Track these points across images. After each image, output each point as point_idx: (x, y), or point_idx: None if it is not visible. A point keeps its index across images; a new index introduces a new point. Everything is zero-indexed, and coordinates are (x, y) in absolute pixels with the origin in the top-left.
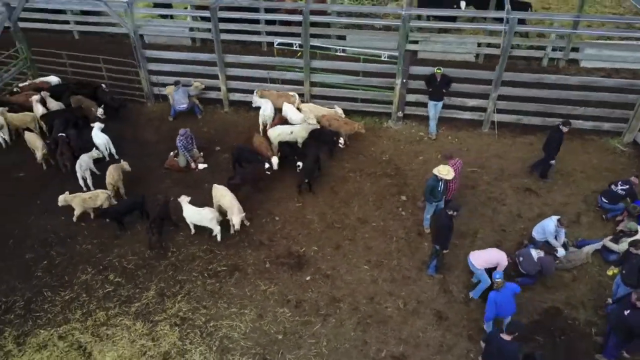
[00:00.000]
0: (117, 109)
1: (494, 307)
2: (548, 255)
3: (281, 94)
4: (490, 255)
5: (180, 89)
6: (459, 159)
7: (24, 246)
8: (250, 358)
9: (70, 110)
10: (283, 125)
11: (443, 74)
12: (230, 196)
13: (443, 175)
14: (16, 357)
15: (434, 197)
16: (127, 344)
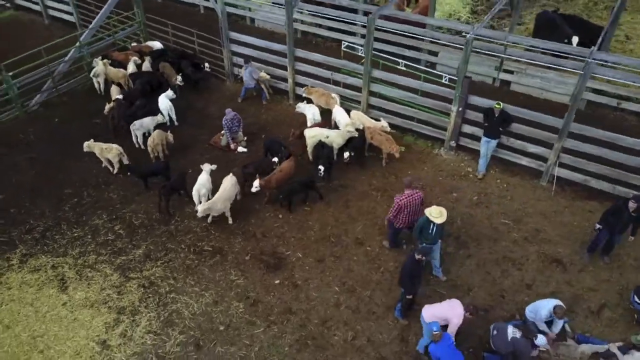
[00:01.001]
0: (196, 82)
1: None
2: (525, 339)
3: (323, 94)
4: (441, 310)
5: (249, 69)
6: (419, 192)
7: (68, 182)
8: (185, 338)
9: (153, 74)
10: (321, 128)
11: (503, 109)
12: (225, 189)
13: (433, 217)
14: (13, 272)
15: (424, 238)
16: (97, 290)
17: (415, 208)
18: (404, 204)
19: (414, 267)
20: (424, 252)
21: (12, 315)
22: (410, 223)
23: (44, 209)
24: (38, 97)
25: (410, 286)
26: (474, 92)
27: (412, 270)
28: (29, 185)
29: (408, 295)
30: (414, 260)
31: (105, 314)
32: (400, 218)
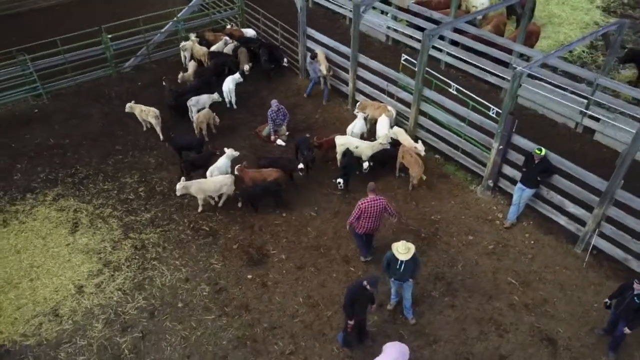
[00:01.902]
0: (267, 72)
1: None
2: None
3: (379, 107)
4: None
5: (315, 64)
6: (382, 199)
7: (123, 140)
8: (145, 305)
9: (229, 57)
10: (353, 138)
11: (545, 157)
12: (209, 180)
13: (399, 253)
14: (43, 207)
15: (391, 273)
16: (98, 241)
17: (376, 214)
18: (364, 208)
19: (357, 293)
20: (371, 282)
21: (25, 243)
22: (370, 230)
23: (92, 159)
24: (132, 60)
25: (350, 311)
26: (550, 134)
27: (354, 295)
28: (91, 135)
29: (348, 319)
30: (360, 287)
31: (94, 263)
32: (361, 223)
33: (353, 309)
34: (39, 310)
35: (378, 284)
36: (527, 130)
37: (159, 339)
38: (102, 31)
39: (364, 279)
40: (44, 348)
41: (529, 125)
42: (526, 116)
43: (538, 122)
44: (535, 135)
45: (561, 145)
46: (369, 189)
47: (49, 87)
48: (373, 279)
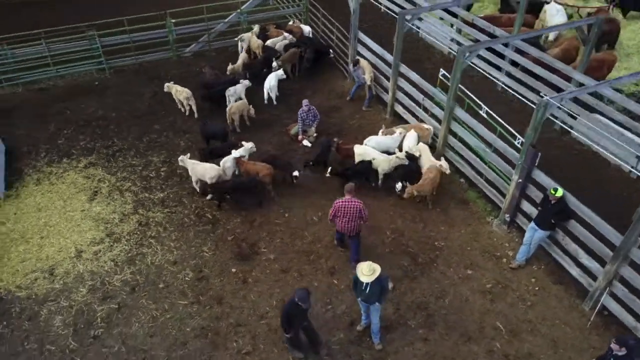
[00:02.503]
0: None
1: None
2: None
3: (414, 125)
4: None
5: (357, 71)
6: (359, 202)
7: (163, 121)
8: (130, 279)
9: (275, 53)
10: (371, 149)
11: (562, 199)
12: (201, 166)
13: (361, 274)
14: (73, 172)
15: (358, 294)
16: (109, 211)
17: (350, 216)
18: (338, 207)
19: (292, 310)
20: (301, 299)
21: (47, 203)
22: (346, 230)
23: (129, 134)
24: (193, 46)
25: (288, 327)
26: (600, 174)
27: (289, 312)
28: (137, 112)
29: (286, 333)
30: (293, 304)
31: (99, 232)
32: (337, 222)
33: (291, 324)
34: (38, 266)
35: (310, 297)
36: (576, 167)
37: (131, 314)
38: (167, 15)
39: (295, 295)
40: (30, 302)
41: (580, 161)
42: (579, 152)
43: (591, 160)
44: (583, 173)
45: (610, 188)
46: (347, 189)
47: (112, 63)
48: (303, 295)
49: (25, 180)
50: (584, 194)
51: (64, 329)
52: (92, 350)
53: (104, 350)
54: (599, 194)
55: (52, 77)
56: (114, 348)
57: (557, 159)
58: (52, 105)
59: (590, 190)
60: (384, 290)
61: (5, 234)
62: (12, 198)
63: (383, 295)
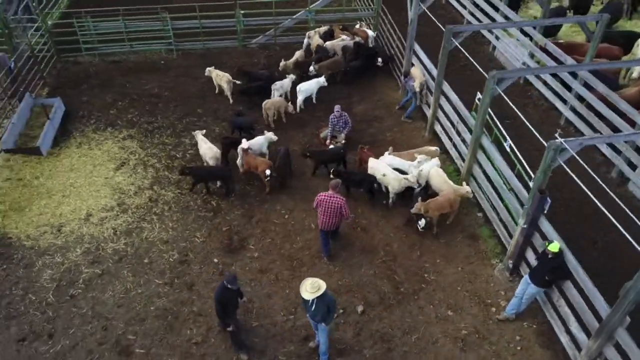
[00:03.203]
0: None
1: None
2: None
3: (420, 149)
4: None
5: (409, 80)
6: (341, 199)
7: (208, 106)
8: (121, 249)
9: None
10: (384, 165)
11: (558, 255)
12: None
13: (305, 290)
14: (110, 142)
15: (306, 309)
16: (128, 183)
17: (330, 211)
18: (320, 200)
19: (223, 295)
20: (229, 280)
21: (79, 165)
22: (326, 225)
23: (173, 114)
24: (259, 38)
25: (223, 315)
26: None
27: (222, 298)
28: (187, 94)
29: (225, 327)
30: (223, 288)
31: (112, 200)
32: (319, 214)
33: (226, 312)
34: (51, 221)
35: (235, 279)
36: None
37: (109, 281)
38: (237, 6)
39: (224, 279)
40: (32, 252)
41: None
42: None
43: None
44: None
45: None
46: (331, 185)
47: (181, 46)
48: (230, 277)
49: (70, 142)
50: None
51: (49, 283)
52: (65, 307)
53: (73, 310)
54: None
55: (126, 52)
56: (82, 310)
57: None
58: (117, 77)
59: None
60: (330, 311)
61: (35, 187)
62: (53, 156)
63: (329, 315)
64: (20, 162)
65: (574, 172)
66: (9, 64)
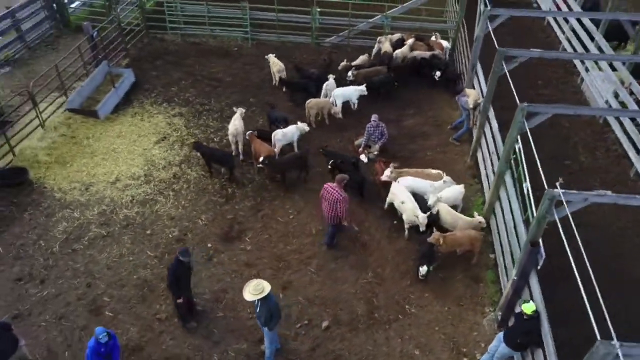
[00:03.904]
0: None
1: None
2: None
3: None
4: None
5: (464, 96)
6: (340, 194)
7: (264, 96)
8: (131, 216)
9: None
10: (404, 191)
11: (532, 317)
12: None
13: (247, 292)
14: (161, 116)
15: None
16: (162, 157)
17: (329, 203)
18: (324, 188)
19: (178, 269)
20: (181, 253)
21: (127, 133)
22: (326, 215)
23: (226, 99)
24: (333, 38)
25: (176, 289)
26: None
27: (176, 272)
28: (247, 83)
29: (177, 298)
30: (177, 262)
31: (141, 170)
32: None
33: (179, 286)
34: (83, 179)
35: (188, 252)
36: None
37: (109, 244)
38: (313, 3)
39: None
40: (56, 203)
41: None
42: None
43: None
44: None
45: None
46: (337, 179)
47: (256, 35)
48: (182, 249)
49: (127, 111)
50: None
51: (60, 234)
52: (64, 259)
53: (69, 263)
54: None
55: (206, 35)
56: (77, 264)
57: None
58: (190, 57)
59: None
60: (273, 316)
61: (82, 147)
62: (108, 121)
63: (271, 320)
64: (79, 122)
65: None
66: (92, 33)
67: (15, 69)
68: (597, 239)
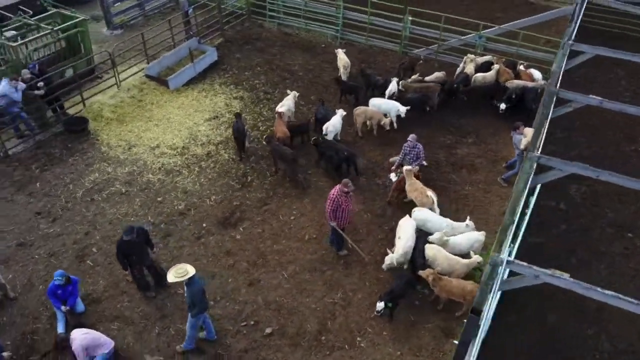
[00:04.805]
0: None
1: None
2: None
3: (417, 189)
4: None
5: (517, 134)
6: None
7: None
8: (151, 182)
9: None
10: (410, 226)
11: None
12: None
13: (170, 274)
14: (224, 95)
15: None
16: (205, 134)
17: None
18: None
19: (121, 245)
20: (125, 231)
21: (185, 106)
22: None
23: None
24: (422, 50)
25: (124, 263)
26: None
27: (119, 247)
28: (316, 80)
29: (124, 269)
30: (122, 241)
31: (181, 142)
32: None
33: (129, 260)
34: (130, 140)
35: (131, 231)
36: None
37: (121, 202)
38: (407, 11)
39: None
40: (99, 156)
41: None
42: None
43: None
44: None
45: None
46: (344, 183)
47: (346, 35)
48: (127, 228)
49: (196, 86)
50: None
51: (89, 183)
52: (80, 205)
53: (82, 210)
54: None
55: (300, 29)
56: (87, 213)
57: None
58: (276, 47)
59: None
60: (194, 303)
61: (144, 111)
62: (177, 92)
63: (193, 307)
64: (151, 88)
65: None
66: (187, 9)
67: (126, 32)
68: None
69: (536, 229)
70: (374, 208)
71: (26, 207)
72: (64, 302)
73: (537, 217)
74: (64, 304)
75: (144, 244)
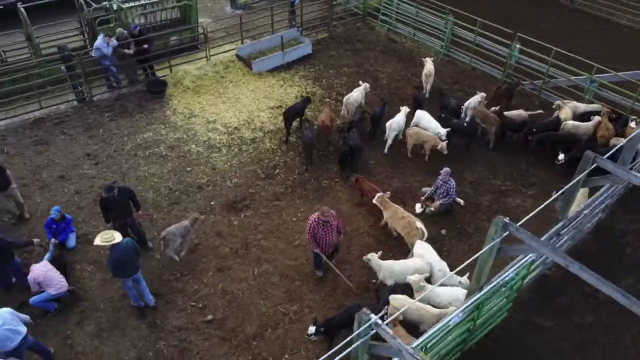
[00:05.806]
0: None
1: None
2: None
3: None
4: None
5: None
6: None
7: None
8: (191, 152)
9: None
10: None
11: None
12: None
13: (97, 238)
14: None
15: None
16: (260, 120)
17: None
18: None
19: (103, 201)
20: (104, 189)
21: (259, 90)
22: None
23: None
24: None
25: (106, 217)
26: None
27: (101, 203)
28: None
29: (107, 222)
30: (102, 198)
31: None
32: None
33: (110, 215)
34: (194, 110)
35: (110, 189)
36: None
37: (155, 163)
38: (515, 38)
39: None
40: (161, 118)
41: None
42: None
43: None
44: None
45: None
46: (322, 212)
47: (450, 52)
48: (106, 186)
49: (279, 74)
50: None
51: (140, 140)
52: (122, 157)
53: (122, 162)
54: None
55: (408, 37)
56: (124, 165)
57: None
58: (375, 50)
59: None
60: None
61: (220, 87)
62: (258, 76)
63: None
64: (236, 67)
65: None
66: (294, 1)
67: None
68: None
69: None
70: (378, 234)
71: (83, 147)
72: (56, 236)
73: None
74: (55, 237)
75: (126, 202)
